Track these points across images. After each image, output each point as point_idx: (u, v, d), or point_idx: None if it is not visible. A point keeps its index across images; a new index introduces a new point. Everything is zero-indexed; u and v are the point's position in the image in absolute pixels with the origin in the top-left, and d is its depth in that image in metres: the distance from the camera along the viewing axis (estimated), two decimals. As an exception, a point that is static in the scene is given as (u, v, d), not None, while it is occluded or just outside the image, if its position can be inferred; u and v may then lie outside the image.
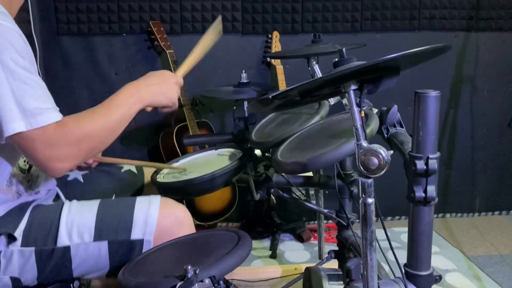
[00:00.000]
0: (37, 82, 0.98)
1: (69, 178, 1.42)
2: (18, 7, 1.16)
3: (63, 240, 1.11)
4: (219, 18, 1.48)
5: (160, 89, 1.19)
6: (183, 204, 2.20)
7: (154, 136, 2.43)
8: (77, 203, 1.20)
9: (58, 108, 1.01)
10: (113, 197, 1.42)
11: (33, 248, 1.10)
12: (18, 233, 1.10)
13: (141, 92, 1.15)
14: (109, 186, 1.44)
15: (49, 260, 1.11)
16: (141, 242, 1.14)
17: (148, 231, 1.14)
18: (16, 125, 0.95)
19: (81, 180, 1.43)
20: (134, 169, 1.50)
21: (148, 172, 1.51)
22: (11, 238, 1.09)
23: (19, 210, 1.14)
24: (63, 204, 1.18)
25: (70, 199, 1.35)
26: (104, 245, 1.12)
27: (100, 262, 1.14)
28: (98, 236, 1.12)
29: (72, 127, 1.02)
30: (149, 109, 1.19)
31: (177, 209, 1.20)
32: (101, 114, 1.08)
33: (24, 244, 1.10)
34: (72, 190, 1.39)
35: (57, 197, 1.32)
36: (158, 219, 1.15)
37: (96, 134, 1.06)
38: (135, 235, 1.13)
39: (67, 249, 1.11)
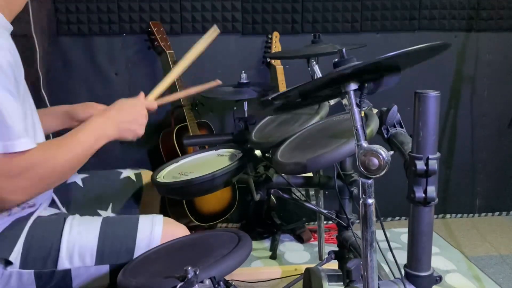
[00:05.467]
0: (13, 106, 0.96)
1: (68, 182, 1.39)
2: (18, 11, 1.15)
3: (63, 263, 1.09)
4: (215, 29, 1.41)
5: (129, 126, 1.19)
6: (183, 204, 2.23)
7: (154, 136, 2.42)
8: (79, 221, 1.16)
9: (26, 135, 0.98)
10: (111, 204, 1.41)
11: (32, 271, 1.08)
12: (15, 255, 1.06)
13: (108, 129, 1.15)
14: (107, 191, 1.43)
15: (49, 281, 1.09)
16: None
17: None
18: None
19: (80, 184, 1.41)
20: (132, 176, 1.49)
21: (146, 178, 1.50)
22: (8, 262, 1.06)
23: (13, 230, 1.09)
24: (64, 220, 1.15)
25: (69, 203, 1.33)
26: (105, 268, 1.12)
27: (101, 281, 1.13)
28: (100, 260, 1.11)
29: (36, 163, 0.98)
30: None
31: (179, 231, 1.20)
32: (65, 150, 1.05)
33: (23, 266, 1.07)
34: (71, 193, 1.38)
35: (53, 201, 1.28)
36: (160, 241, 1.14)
37: (58, 171, 1.04)
38: None
39: (67, 271, 1.10)
